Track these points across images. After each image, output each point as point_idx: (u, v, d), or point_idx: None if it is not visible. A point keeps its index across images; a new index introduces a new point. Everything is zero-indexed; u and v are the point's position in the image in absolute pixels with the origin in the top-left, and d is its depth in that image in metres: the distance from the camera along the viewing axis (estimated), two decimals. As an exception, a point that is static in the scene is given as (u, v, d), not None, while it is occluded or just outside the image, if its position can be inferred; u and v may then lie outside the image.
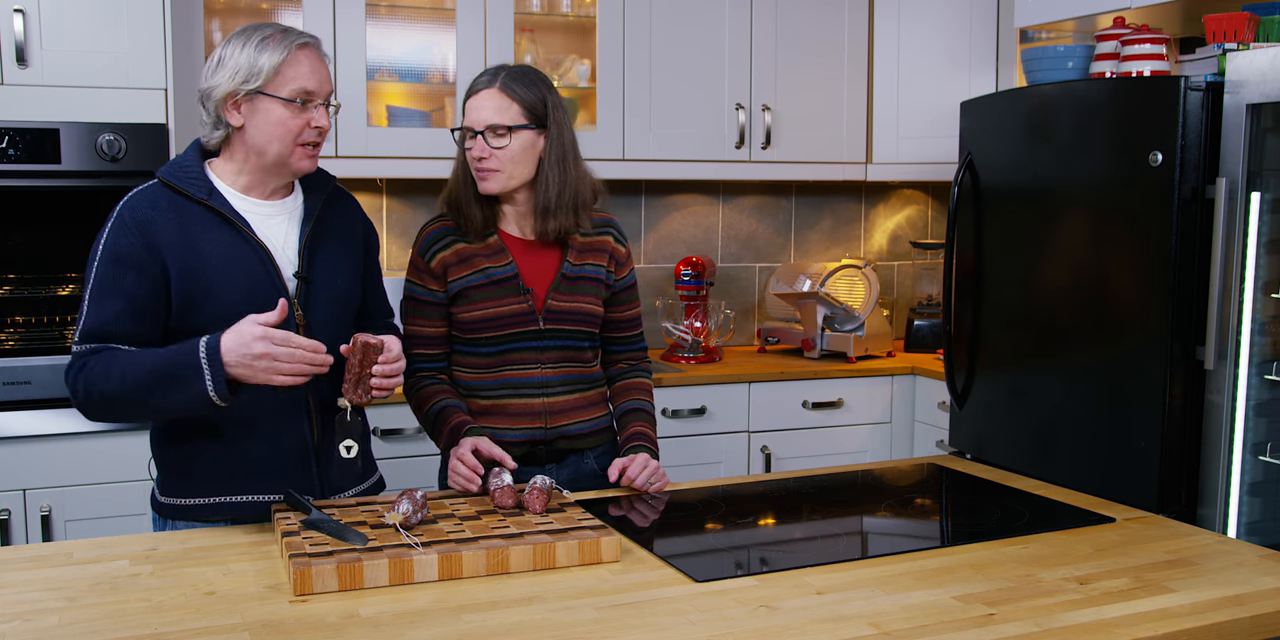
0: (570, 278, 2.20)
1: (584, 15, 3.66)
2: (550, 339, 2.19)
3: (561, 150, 2.15)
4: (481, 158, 2.11)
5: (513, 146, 2.10)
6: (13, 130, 2.77)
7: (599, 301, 2.24)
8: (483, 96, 2.11)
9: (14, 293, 2.90)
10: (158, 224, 1.86)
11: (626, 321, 2.34)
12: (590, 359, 2.28)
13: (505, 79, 2.12)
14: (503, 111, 2.10)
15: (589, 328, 2.23)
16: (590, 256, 2.23)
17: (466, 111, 2.14)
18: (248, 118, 1.88)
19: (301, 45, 1.89)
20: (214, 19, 3.28)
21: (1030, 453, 2.81)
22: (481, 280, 2.17)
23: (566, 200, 2.15)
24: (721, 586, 1.64)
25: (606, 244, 2.26)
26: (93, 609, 1.54)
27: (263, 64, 1.85)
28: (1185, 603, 1.59)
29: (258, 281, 1.90)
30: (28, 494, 2.82)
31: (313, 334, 1.94)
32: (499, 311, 2.17)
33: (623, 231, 2.31)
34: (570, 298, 2.19)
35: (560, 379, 2.22)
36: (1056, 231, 2.75)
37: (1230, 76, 2.37)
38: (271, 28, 1.90)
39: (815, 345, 3.77)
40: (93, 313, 1.84)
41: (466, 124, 2.14)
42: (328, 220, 2.03)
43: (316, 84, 1.90)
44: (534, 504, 1.87)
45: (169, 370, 1.77)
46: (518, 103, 2.10)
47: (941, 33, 3.81)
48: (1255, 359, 2.40)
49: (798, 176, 3.87)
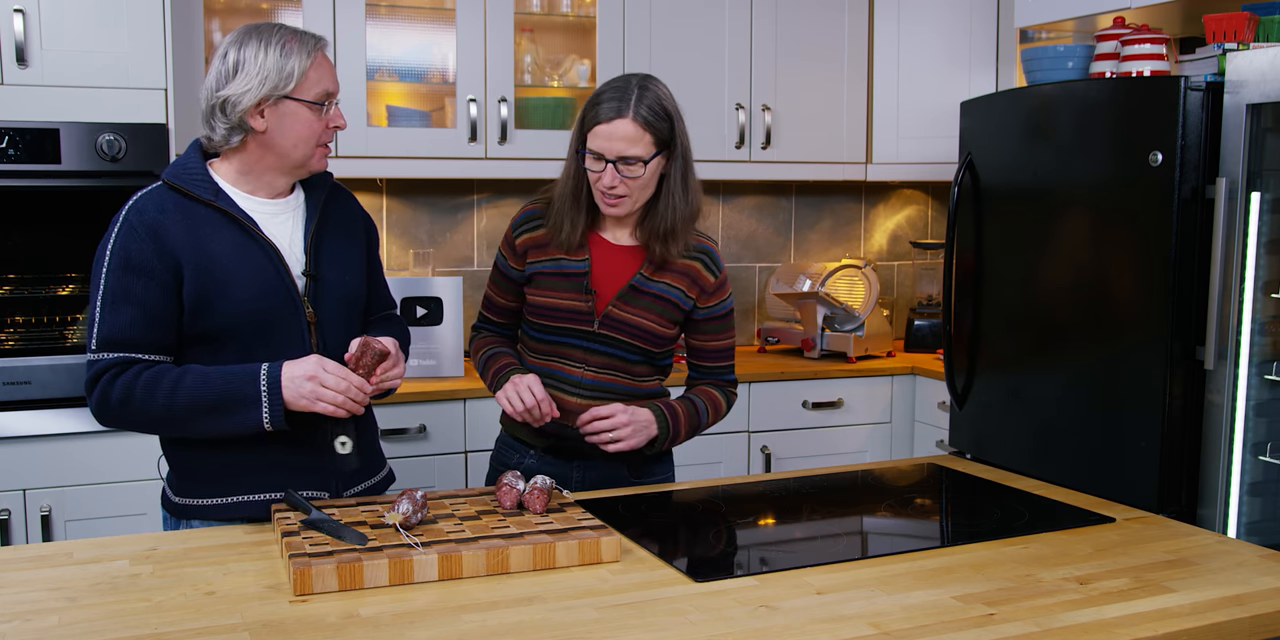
0: (639, 291, 2.16)
1: (584, 15, 3.66)
2: (601, 344, 2.17)
3: (684, 169, 2.12)
4: (612, 186, 2.07)
5: (645, 176, 2.07)
6: (13, 130, 2.77)
7: (667, 323, 2.18)
8: (616, 126, 2.02)
9: (14, 293, 2.90)
10: (167, 227, 1.86)
11: (712, 352, 2.27)
12: (642, 374, 2.22)
13: (638, 107, 2.03)
14: (636, 142, 2.03)
15: (646, 345, 2.18)
16: (669, 277, 2.18)
17: (594, 136, 2.05)
18: (272, 122, 1.88)
19: (319, 49, 1.92)
20: (214, 19, 3.28)
21: (1030, 453, 2.81)
22: (553, 269, 2.17)
23: (686, 222, 2.15)
24: (721, 586, 1.64)
25: (693, 269, 2.20)
26: (93, 609, 1.54)
27: (291, 68, 1.86)
28: (1185, 603, 1.59)
29: (268, 280, 1.90)
30: (28, 494, 2.82)
31: (323, 331, 1.96)
32: (559, 303, 2.17)
33: (718, 260, 2.23)
34: (634, 310, 2.16)
35: (601, 385, 2.18)
36: (1056, 231, 2.75)
37: (1230, 76, 2.37)
38: (282, 30, 1.90)
39: (815, 345, 3.77)
40: (107, 320, 1.84)
41: (596, 150, 2.05)
42: (330, 217, 2.04)
43: (333, 85, 1.94)
44: (534, 504, 1.87)
45: (224, 399, 1.82)
46: (650, 133, 2.04)
47: (941, 33, 3.81)
48: (1255, 359, 2.40)
49: (798, 176, 3.87)
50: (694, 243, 2.21)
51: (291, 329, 1.93)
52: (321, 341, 1.96)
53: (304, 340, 1.94)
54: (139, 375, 1.83)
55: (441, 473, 3.18)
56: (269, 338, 1.91)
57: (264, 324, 1.91)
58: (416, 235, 3.72)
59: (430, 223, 3.73)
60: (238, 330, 1.89)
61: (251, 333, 1.90)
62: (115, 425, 1.89)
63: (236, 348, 1.90)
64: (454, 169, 3.40)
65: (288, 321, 1.92)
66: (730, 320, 2.28)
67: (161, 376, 1.83)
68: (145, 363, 1.85)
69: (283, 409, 1.83)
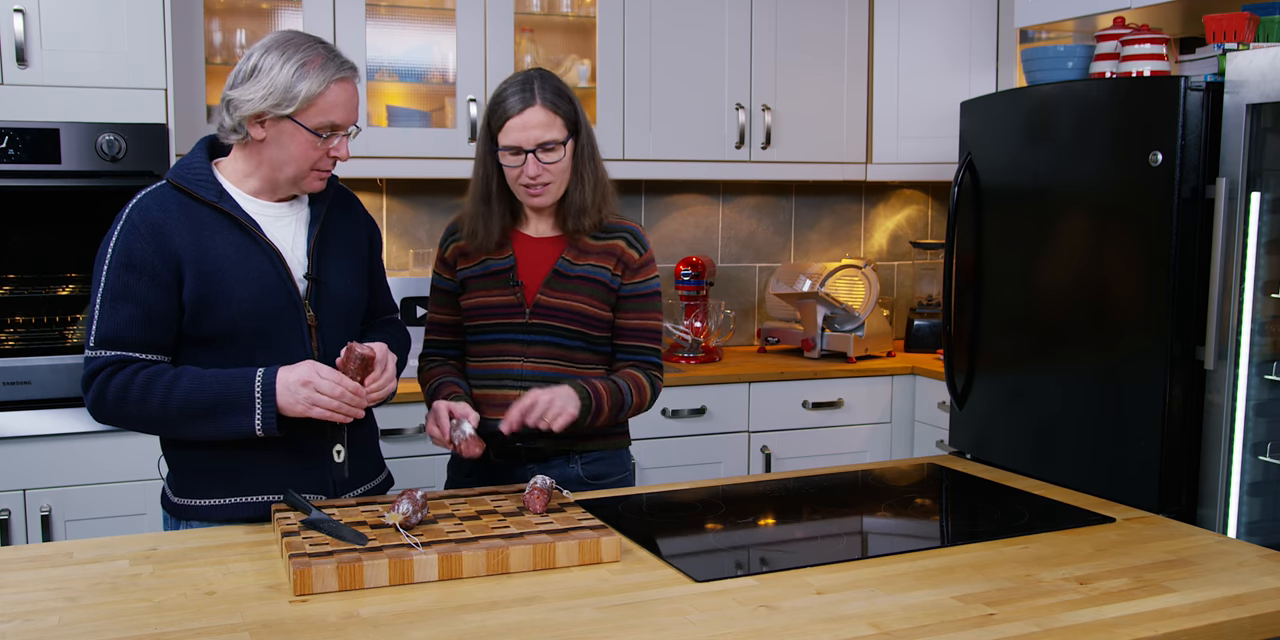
0: (565, 275, 2.18)
1: (584, 15, 3.66)
2: (537, 334, 2.19)
3: (591, 148, 2.17)
4: (536, 175, 2.09)
5: (564, 159, 2.11)
6: (13, 130, 2.77)
7: (599, 303, 2.20)
8: (528, 116, 2.06)
9: (14, 293, 2.90)
10: (169, 227, 1.85)
11: (633, 331, 2.23)
12: (584, 361, 2.21)
13: (543, 93, 2.08)
14: (550, 127, 2.08)
15: (581, 327, 2.19)
16: (594, 258, 2.20)
17: (507, 132, 2.08)
18: (271, 136, 1.87)
19: (340, 80, 1.86)
20: (214, 19, 3.28)
21: (1030, 453, 2.81)
22: (480, 271, 2.21)
23: (598, 196, 2.17)
24: (721, 586, 1.64)
25: (616, 248, 2.22)
26: (93, 609, 1.54)
27: (298, 92, 1.82)
28: (1185, 603, 1.59)
29: (269, 284, 1.90)
30: (28, 494, 2.82)
31: (323, 335, 1.96)
32: (489, 301, 2.19)
33: (640, 238, 2.24)
34: (562, 294, 2.18)
35: (542, 375, 2.18)
36: (1056, 231, 2.75)
37: (1230, 76, 2.36)
38: (313, 49, 1.86)
39: (815, 345, 3.77)
40: (106, 318, 1.84)
41: (512, 144, 2.08)
42: (334, 221, 2.03)
43: (344, 117, 1.89)
44: (534, 504, 1.87)
45: (218, 403, 1.82)
46: (560, 116, 2.09)
47: (941, 33, 3.81)
48: (1255, 359, 2.40)
49: (798, 176, 3.87)
50: (616, 223, 2.23)
51: (292, 332, 1.93)
52: (322, 345, 1.96)
53: (304, 343, 1.94)
54: (135, 375, 1.83)
55: (441, 473, 3.17)
56: (269, 341, 1.91)
57: (264, 327, 1.91)
58: (416, 235, 3.72)
59: (430, 223, 3.73)
60: (238, 333, 1.89)
61: (251, 335, 1.90)
62: (111, 423, 1.89)
63: (236, 350, 1.90)
64: (454, 169, 3.40)
65: (288, 325, 1.92)
66: (656, 302, 2.26)
67: (157, 377, 1.83)
68: (142, 362, 1.85)
69: (275, 416, 1.82)
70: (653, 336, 2.26)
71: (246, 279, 1.88)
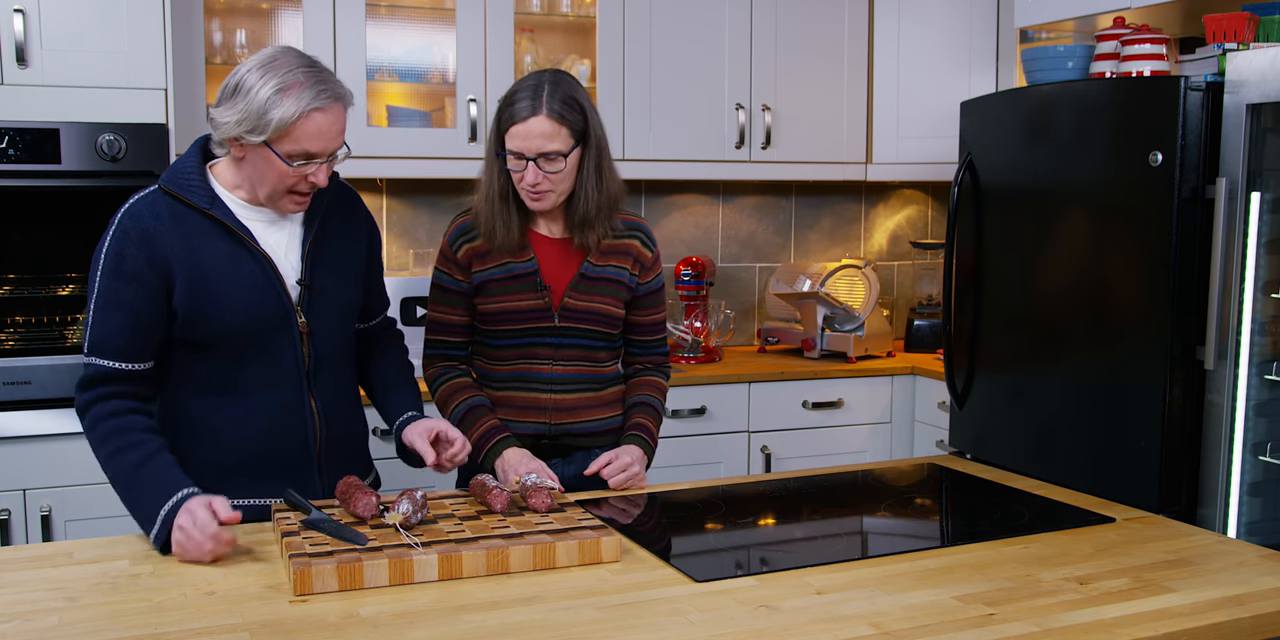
0: (590, 278, 2.19)
1: (584, 15, 3.66)
2: (565, 337, 2.20)
3: (599, 157, 2.13)
4: (536, 183, 2.08)
5: (566, 169, 2.09)
6: (13, 130, 2.77)
7: (619, 303, 2.23)
8: (531, 125, 2.04)
9: (14, 293, 2.90)
10: (160, 235, 1.85)
11: (647, 326, 2.32)
12: (605, 360, 2.27)
13: (550, 103, 2.04)
14: (553, 138, 2.05)
15: (605, 328, 2.22)
16: (614, 258, 2.21)
17: (511, 136, 2.06)
18: (249, 157, 1.85)
19: (318, 109, 1.79)
20: (214, 19, 3.28)
21: (1030, 453, 2.81)
22: (502, 274, 2.18)
23: (604, 209, 2.15)
24: (721, 586, 1.64)
25: (632, 248, 2.23)
26: (93, 609, 1.54)
27: (270, 119, 1.77)
28: (1185, 603, 1.59)
29: (261, 292, 1.90)
30: (28, 494, 2.82)
31: (315, 339, 1.96)
32: (516, 306, 2.18)
33: (651, 236, 2.28)
34: (588, 297, 2.19)
35: (570, 377, 2.22)
36: (1056, 231, 2.75)
37: (1230, 76, 2.37)
38: (296, 74, 1.79)
39: (815, 345, 3.77)
40: (98, 325, 1.86)
41: (515, 149, 2.07)
42: (330, 222, 2.02)
43: (321, 147, 1.83)
44: (539, 504, 1.86)
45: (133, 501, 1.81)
46: (566, 126, 2.06)
47: (941, 33, 3.81)
48: (1255, 359, 2.40)
49: (798, 176, 3.87)
50: (625, 221, 2.23)
51: (283, 338, 1.93)
52: (313, 349, 1.97)
53: (295, 349, 1.94)
54: (106, 419, 1.85)
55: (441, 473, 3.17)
56: (260, 346, 1.92)
57: (255, 334, 1.91)
58: (416, 235, 3.72)
59: (430, 223, 3.73)
60: (229, 339, 1.90)
61: (243, 341, 1.91)
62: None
63: (226, 355, 1.91)
64: (454, 169, 3.40)
65: (279, 331, 1.93)
66: (663, 295, 2.34)
67: (114, 436, 1.84)
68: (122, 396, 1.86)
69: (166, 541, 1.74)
70: (663, 328, 2.37)
71: (238, 286, 1.88)
